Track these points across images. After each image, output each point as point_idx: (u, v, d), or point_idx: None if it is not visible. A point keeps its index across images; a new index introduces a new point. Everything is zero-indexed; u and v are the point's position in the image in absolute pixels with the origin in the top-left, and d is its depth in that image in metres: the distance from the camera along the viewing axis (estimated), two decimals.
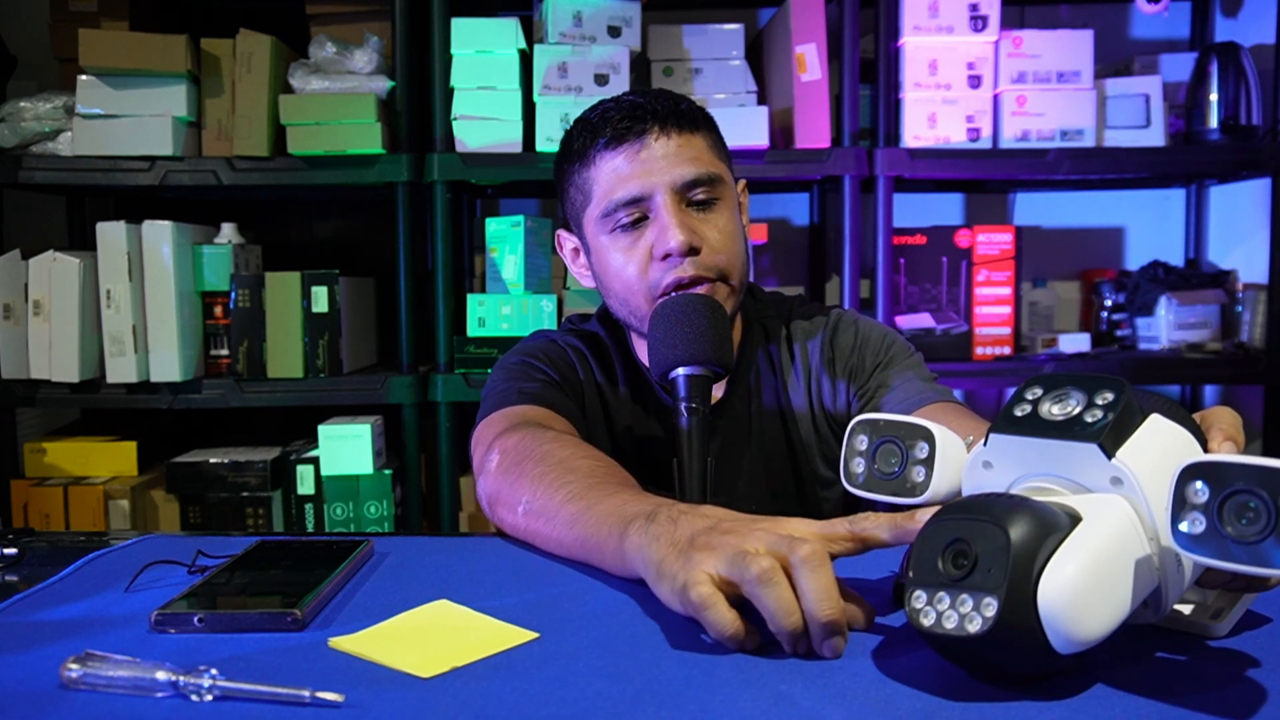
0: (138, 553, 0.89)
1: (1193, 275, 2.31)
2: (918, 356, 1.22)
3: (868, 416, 0.74)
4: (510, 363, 1.21)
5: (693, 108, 1.15)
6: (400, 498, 2.11)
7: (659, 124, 1.11)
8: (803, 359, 1.23)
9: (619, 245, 1.12)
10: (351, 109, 1.97)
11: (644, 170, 1.10)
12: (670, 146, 1.10)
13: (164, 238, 1.99)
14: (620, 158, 1.11)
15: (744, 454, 1.20)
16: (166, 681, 0.59)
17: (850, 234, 2.05)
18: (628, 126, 1.10)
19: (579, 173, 1.15)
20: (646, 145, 1.10)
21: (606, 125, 1.11)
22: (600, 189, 1.12)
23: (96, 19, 2.14)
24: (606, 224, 1.12)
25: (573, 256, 1.24)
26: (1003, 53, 2.08)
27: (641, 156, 1.10)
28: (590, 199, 1.14)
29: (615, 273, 1.13)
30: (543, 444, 0.98)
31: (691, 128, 1.13)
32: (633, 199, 1.10)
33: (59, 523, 2.01)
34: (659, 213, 1.10)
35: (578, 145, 1.14)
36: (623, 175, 1.10)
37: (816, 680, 0.60)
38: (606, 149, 1.11)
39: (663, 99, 1.13)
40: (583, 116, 1.16)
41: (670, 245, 1.08)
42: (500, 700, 0.58)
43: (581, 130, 1.14)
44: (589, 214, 1.14)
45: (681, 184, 1.10)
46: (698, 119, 1.14)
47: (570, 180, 1.17)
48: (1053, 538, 0.56)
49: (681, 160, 1.10)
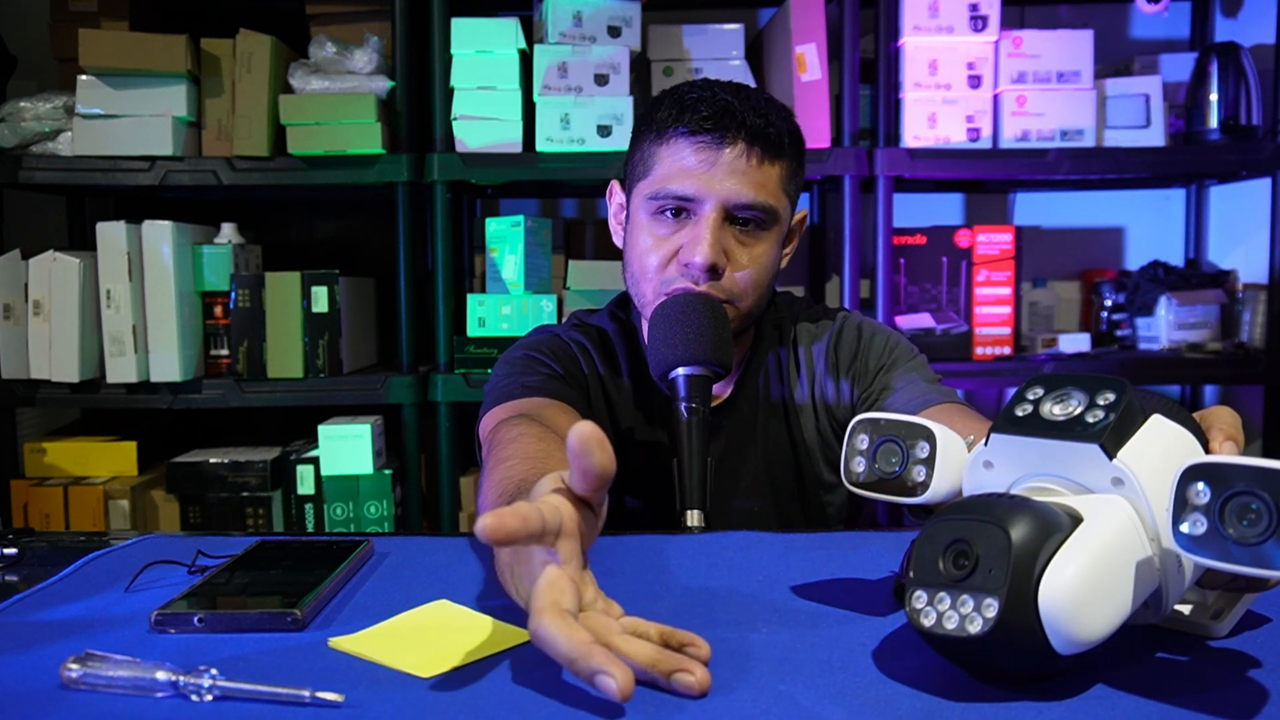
0: (138, 553, 0.89)
1: (1193, 275, 2.31)
2: (921, 358, 1.21)
3: (869, 415, 0.74)
4: (514, 356, 1.20)
5: (783, 134, 1.11)
6: (400, 498, 2.11)
7: (744, 138, 1.08)
8: (807, 362, 1.23)
9: (654, 230, 1.12)
10: (351, 109, 1.97)
11: (706, 175, 1.08)
12: (742, 164, 1.08)
13: (164, 238, 1.99)
14: (691, 153, 1.09)
15: (747, 455, 1.20)
16: (166, 681, 0.58)
17: (850, 234, 2.05)
18: (713, 125, 1.08)
19: (650, 144, 1.13)
20: (721, 152, 1.08)
21: (695, 113, 1.09)
22: (660, 170, 1.11)
23: (96, 19, 2.14)
24: (651, 205, 1.12)
25: (617, 210, 1.22)
26: (1003, 53, 2.08)
27: (711, 160, 1.08)
28: (649, 173, 1.12)
29: (640, 252, 1.13)
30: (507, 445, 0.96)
31: (774, 155, 1.10)
32: (684, 196, 1.09)
33: (59, 523, 2.01)
34: (700, 221, 1.09)
35: (660, 115, 1.12)
36: (685, 169, 1.09)
37: (816, 680, 0.60)
38: (684, 136, 1.09)
39: (759, 111, 1.10)
40: (679, 90, 1.13)
41: (695, 259, 1.07)
42: (500, 700, 0.58)
43: (671, 104, 1.12)
44: (641, 186, 1.13)
45: (734, 203, 1.09)
46: (783, 147, 1.11)
47: (640, 145, 1.15)
48: (1054, 538, 0.56)
49: (747, 182, 1.08)
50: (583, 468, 0.60)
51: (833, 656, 0.64)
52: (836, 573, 0.81)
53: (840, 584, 0.79)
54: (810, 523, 1.21)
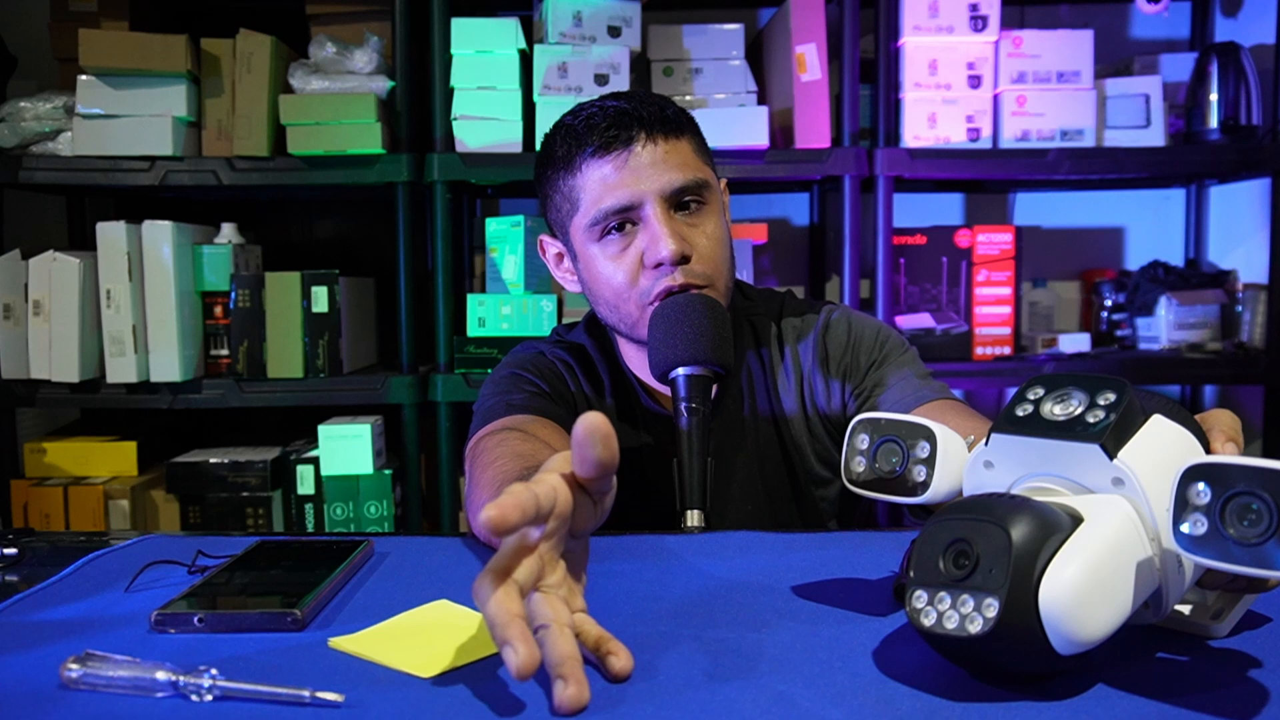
0: (138, 553, 0.89)
1: (1193, 275, 2.31)
2: (912, 352, 1.21)
3: (869, 415, 0.74)
4: (499, 376, 1.21)
5: (678, 112, 1.14)
6: (400, 498, 2.11)
7: (645, 130, 1.09)
8: (794, 360, 1.22)
9: (608, 253, 1.12)
10: (351, 109, 1.97)
11: (633, 178, 1.09)
12: (658, 153, 1.09)
13: (164, 238, 1.99)
14: (608, 166, 1.09)
15: (737, 456, 1.20)
16: (166, 681, 0.58)
17: (850, 234, 2.05)
18: (615, 134, 1.09)
19: (564, 180, 1.13)
20: (634, 153, 1.09)
21: (593, 132, 1.10)
22: (588, 197, 1.11)
23: (96, 19, 2.14)
24: (595, 232, 1.12)
25: (555, 261, 1.23)
26: (1003, 53, 2.08)
27: (630, 164, 1.09)
28: (578, 207, 1.12)
29: (605, 280, 1.13)
30: (491, 450, 0.97)
31: (677, 133, 1.12)
32: (622, 207, 1.09)
33: (59, 523, 2.01)
34: (649, 221, 1.09)
35: (561, 151, 1.13)
36: (611, 184, 1.09)
37: (816, 680, 0.60)
38: (594, 157, 1.10)
39: (647, 103, 1.12)
40: (564, 122, 1.14)
41: (662, 254, 1.07)
42: (500, 700, 0.58)
43: (566, 136, 1.12)
44: (576, 222, 1.13)
45: (670, 191, 1.09)
46: (683, 124, 1.13)
47: (554, 187, 1.15)
48: (1054, 538, 0.56)
49: (670, 167, 1.09)
50: (584, 456, 0.61)
51: (833, 656, 0.64)
52: (836, 573, 0.81)
53: (840, 584, 0.79)
54: (805, 518, 1.21)
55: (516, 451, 0.94)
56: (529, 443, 0.97)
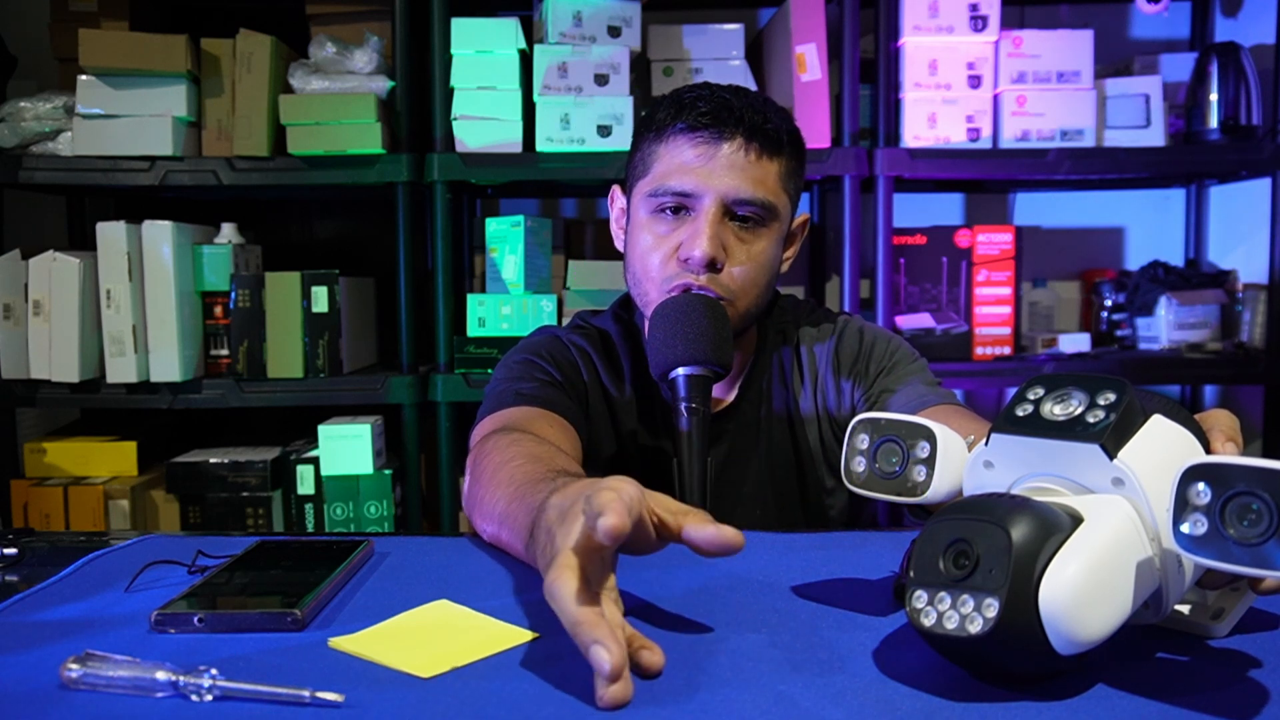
0: (138, 553, 0.89)
1: (1193, 275, 2.31)
2: (922, 362, 1.22)
3: (869, 415, 0.74)
4: (513, 360, 1.20)
5: (781, 131, 1.12)
6: (400, 498, 2.11)
7: (742, 133, 1.09)
8: (810, 366, 1.23)
9: (654, 229, 1.12)
10: (351, 109, 1.97)
11: (705, 170, 1.09)
12: (740, 159, 1.09)
13: (164, 238, 1.99)
14: (690, 149, 1.10)
15: (751, 458, 1.20)
16: (166, 681, 0.58)
17: (850, 234, 2.05)
18: (710, 121, 1.09)
19: (650, 143, 1.14)
20: (719, 147, 1.09)
21: (694, 111, 1.10)
22: (660, 168, 1.11)
23: (96, 19, 2.14)
24: (651, 203, 1.12)
25: (619, 215, 1.23)
26: (1003, 53, 2.08)
27: (709, 155, 1.09)
28: (648, 172, 1.13)
29: (641, 252, 1.14)
30: (502, 450, 0.97)
31: (772, 151, 1.11)
32: (684, 191, 1.09)
33: (59, 523, 2.01)
34: (699, 216, 1.09)
35: (660, 116, 1.13)
36: (684, 166, 1.09)
37: (816, 680, 0.60)
38: (682, 133, 1.10)
39: (757, 109, 1.11)
40: (679, 91, 1.15)
41: (694, 253, 1.08)
42: (500, 700, 0.58)
43: (669, 104, 1.13)
44: (641, 185, 1.14)
45: (733, 198, 1.09)
46: (781, 144, 1.12)
47: (640, 146, 1.16)
48: (1054, 539, 0.56)
49: (745, 177, 1.09)
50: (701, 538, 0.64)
51: (833, 656, 0.64)
52: (836, 573, 0.82)
53: (840, 584, 0.79)
54: (811, 527, 1.22)
55: (532, 454, 0.94)
56: (541, 445, 0.97)
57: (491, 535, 0.91)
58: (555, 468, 0.87)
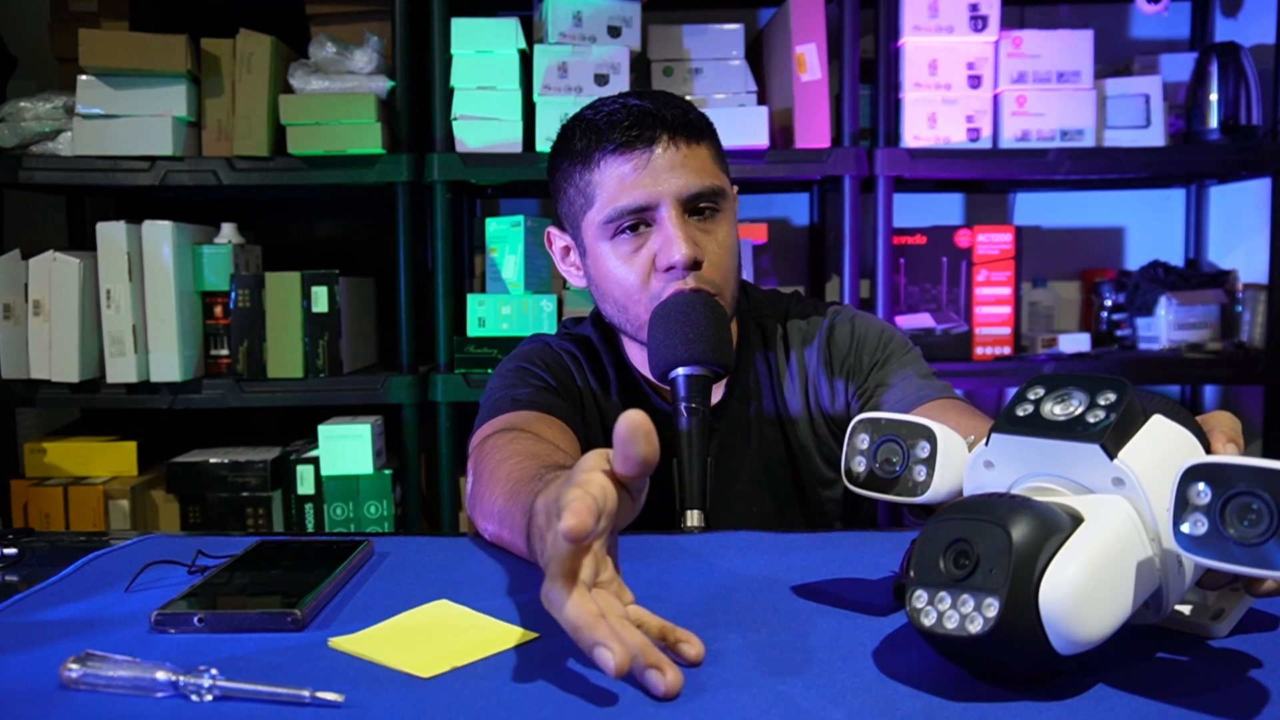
0: (138, 553, 0.89)
1: (1193, 275, 2.31)
2: (916, 351, 1.21)
3: (869, 415, 0.74)
4: (506, 369, 1.20)
5: (700, 117, 1.13)
6: (400, 498, 2.11)
7: (668, 133, 1.09)
8: (799, 362, 1.22)
9: (620, 252, 1.11)
10: (351, 109, 1.97)
11: (651, 180, 1.08)
12: (677, 157, 1.09)
13: (164, 238, 1.99)
14: (627, 165, 1.09)
15: (743, 456, 1.20)
16: (166, 681, 0.58)
17: (850, 234, 2.05)
18: (637, 134, 1.09)
19: (580, 174, 1.13)
20: (654, 154, 1.09)
21: (615, 129, 1.09)
22: (604, 194, 1.10)
23: (96, 19, 2.14)
24: (608, 230, 1.11)
25: (562, 254, 1.22)
26: (1003, 53, 2.08)
27: (649, 165, 1.09)
28: (592, 203, 1.12)
29: (615, 279, 1.12)
30: (501, 449, 0.97)
31: (698, 138, 1.12)
32: (638, 207, 1.09)
33: (59, 523, 2.01)
34: (664, 224, 1.09)
35: (580, 145, 1.12)
36: (629, 183, 1.09)
37: (816, 680, 0.60)
38: (613, 154, 1.09)
39: (670, 105, 1.11)
40: (585, 115, 1.13)
41: (675, 259, 1.07)
42: (500, 700, 0.58)
43: (586, 131, 1.12)
44: (589, 218, 1.13)
45: (687, 196, 1.09)
46: (703, 129, 1.13)
47: (568, 180, 1.14)
48: (1054, 538, 0.56)
49: (688, 172, 1.09)
50: (627, 454, 0.61)
51: (833, 656, 0.64)
52: (836, 573, 0.81)
53: (840, 584, 0.79)
54: (810, 519, 1.21)
55: (529, 451, 0.94)
56: (539, 443, 0.97)
57: (493, 534, 0.91)
58: (549, 464, 0.87)
